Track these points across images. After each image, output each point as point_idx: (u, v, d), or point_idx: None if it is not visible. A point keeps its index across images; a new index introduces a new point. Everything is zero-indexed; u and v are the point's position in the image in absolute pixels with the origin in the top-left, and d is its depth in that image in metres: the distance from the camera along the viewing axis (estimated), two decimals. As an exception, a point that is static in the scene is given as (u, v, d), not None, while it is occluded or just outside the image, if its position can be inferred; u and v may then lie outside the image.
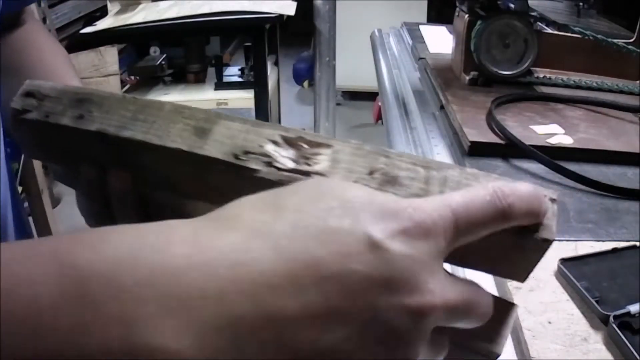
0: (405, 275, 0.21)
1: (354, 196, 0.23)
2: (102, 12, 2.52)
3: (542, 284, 0.51)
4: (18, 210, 0.53)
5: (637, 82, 1.03)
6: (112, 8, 2.45)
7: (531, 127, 0.82)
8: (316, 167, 0.29)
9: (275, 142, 0.31)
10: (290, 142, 0.31)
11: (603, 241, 0.57)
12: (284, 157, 0.30)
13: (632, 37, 1.06)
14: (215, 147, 0.31)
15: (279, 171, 0.29)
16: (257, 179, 0.29)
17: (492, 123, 0.81)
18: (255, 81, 2.36)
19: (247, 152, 0.30)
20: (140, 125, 0.33)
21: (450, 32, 1.36)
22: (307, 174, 0.29)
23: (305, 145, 0.31)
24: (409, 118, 1.00)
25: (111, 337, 0.19)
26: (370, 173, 0.29)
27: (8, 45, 0.57)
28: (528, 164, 0.74)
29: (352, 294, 0.20)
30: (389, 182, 0.29)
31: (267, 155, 0.30)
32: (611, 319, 0.45)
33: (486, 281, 0.56)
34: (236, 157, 0.30)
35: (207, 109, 0.34)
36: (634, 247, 0.54)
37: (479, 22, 0.99)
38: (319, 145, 0.31)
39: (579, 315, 0.47)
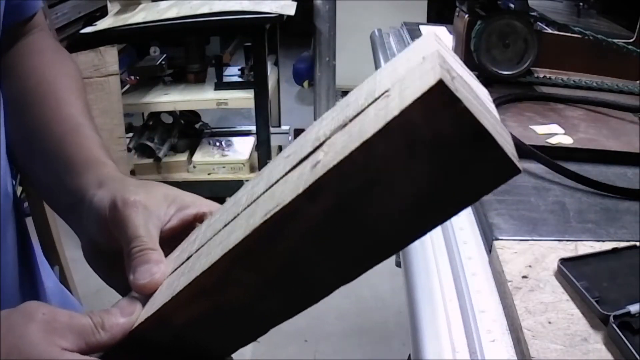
0: None
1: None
2: (102, 12, 2.52)
3: (542, 284, 0.51)
4: (18, 211, 0.53)
5: (637, 82, 1.03)
6: (112, 8, 2.45)
7: (531, 127, 0.82)
8: None
9: None
10: None
11: (603, 241, 0.57)
12: None
13: (632, 37, 1.06)
14: None
15: None
16: None
17: (492, 123, 0.81)
18: (255, 81, 2.36)
19: None
20: None
21: (450, 32, 1.36)
22: None
23: None
24: (409, 118, 1.00)
25: None
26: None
27: (13, 68, 0.54)
28: (528, 164, 0.74)
29: None
30: None
31: None
32: (611, 319, 0.44)
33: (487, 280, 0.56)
34: None
35: None
36: (634, 247, 0.54)
37: (479, 22, 0.99)
38: None
39: (579, 315, 0.47)
